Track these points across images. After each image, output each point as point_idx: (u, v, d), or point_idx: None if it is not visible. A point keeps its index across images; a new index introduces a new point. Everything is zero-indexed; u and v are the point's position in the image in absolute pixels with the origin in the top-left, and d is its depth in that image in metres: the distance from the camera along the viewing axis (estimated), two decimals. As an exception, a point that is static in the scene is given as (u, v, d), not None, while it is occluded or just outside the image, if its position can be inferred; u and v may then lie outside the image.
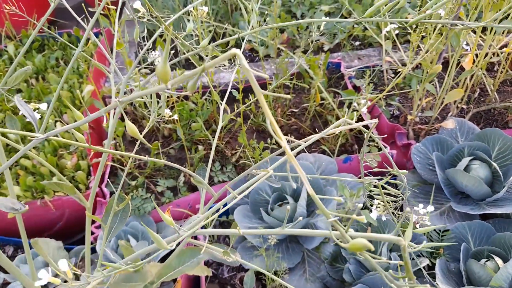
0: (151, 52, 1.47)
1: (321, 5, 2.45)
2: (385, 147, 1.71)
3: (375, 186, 1.09)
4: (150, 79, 0.86)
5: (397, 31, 1.83)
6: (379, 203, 1.05)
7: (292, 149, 0.82)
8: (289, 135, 1.89)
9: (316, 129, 1.90)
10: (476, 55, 1.81)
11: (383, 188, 1.02)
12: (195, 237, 1.47)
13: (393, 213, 1.48)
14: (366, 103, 1.59)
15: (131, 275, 0.89)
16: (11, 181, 0.79)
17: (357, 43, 2.39)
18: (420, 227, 1.14)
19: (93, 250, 1.41)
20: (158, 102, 0.83)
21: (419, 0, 2.03)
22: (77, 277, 1.13)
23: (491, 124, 1.91)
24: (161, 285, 1.32)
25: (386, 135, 1.86)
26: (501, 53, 1.85)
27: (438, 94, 1.81)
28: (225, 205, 0.73)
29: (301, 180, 1.51)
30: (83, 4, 1.04)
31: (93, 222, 1.48)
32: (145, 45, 0.87)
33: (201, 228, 1.53)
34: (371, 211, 1.18)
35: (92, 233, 1.45)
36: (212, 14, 2.31)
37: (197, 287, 1.38)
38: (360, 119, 1.85)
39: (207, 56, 0.94)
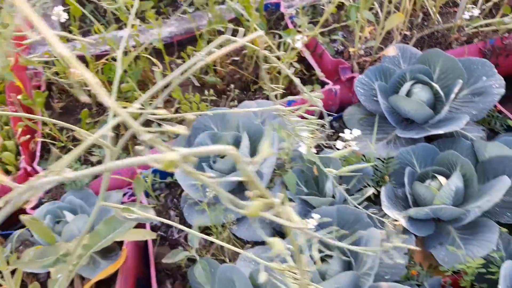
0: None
1: None
2: (327, 84, 1.65)
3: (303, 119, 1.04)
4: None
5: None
6: (307, 136, 1.00)
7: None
8: (231, 85, 1.81)
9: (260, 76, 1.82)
10: (413, -24, 1.73)
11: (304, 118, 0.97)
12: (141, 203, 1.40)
13: (322, 145, 1.44)
14: (302, 38, 1.51)
15: (44, 250, 0.82)
16: None
17: (296, -20, 2.26)
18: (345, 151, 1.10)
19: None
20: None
21: None
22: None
23: (435, 47, 1.86)
24: (107, 256, 1.27)
25: (329, 72, 1.81)
26: (439, -30, 1.77)
27: (379, 22, 1.73)
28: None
29: (243, 128, 1.45)
30: None
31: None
32: None
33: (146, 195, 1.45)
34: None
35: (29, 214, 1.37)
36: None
37: (147, 252, 1.33)
38: (301, 58, 1.78)
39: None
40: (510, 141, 1.38)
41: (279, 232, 1.30)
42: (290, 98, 1.65)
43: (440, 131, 1.38)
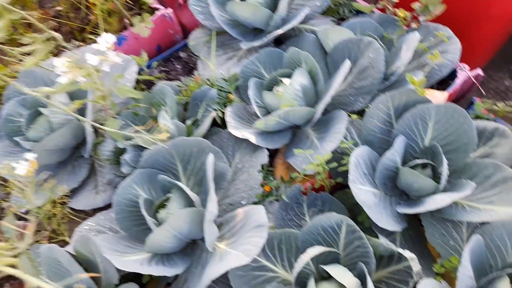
0: None
1: None
2: (158, 9, 1.43)
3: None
4: None
5: None
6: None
7: None
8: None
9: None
10: None
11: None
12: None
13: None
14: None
15: None
16: None
17: None
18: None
19: None
20: None
21: None
22: None
23: None
24: None
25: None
26: None
27: None
28: None
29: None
30: None
31: None
32: None
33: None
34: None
35: None
36: None
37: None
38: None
39: None
40: (354, 24, 1.27)
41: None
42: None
43: (280, 31, 1.23)
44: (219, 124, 1.18)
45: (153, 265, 0.90)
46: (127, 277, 1.05)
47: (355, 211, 1.10)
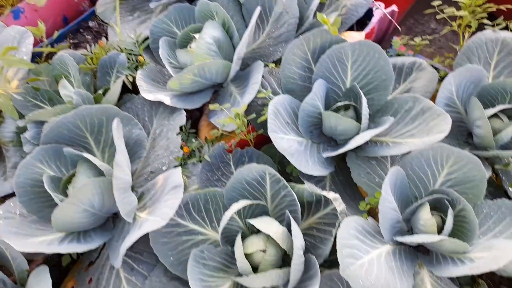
0: None
1: None
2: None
3: None
4: None
5: None
6: None
7: None
8: None
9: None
10: None
11: None
12: None
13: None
14: None
15: None
16: None
17: None
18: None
19: None
20: None
21: None
22: None
23: None
24: None
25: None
26: None
27: None
28: None
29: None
30: None
31: None
32: None
33: None
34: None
35: None
36: None
37: None
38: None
39: None
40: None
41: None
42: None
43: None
44: (134, 91, 1.10)
45: (64, 244, 0.82)
46: (50, 263, 0.97)
47: (284, 163, 1.07)
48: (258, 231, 0.89)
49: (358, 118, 1.01)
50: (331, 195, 0.85)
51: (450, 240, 0.76)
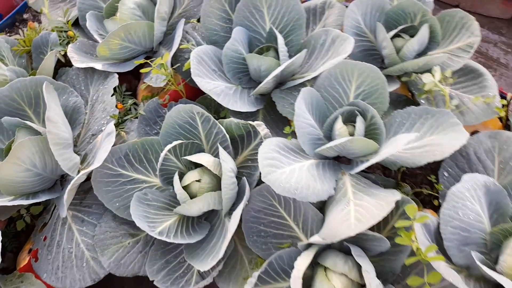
0: None
1: None
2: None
3: None
4: None
5: None
6: None
7: None
8: None
9: None
10: None
11: None
12: None
13: None
14: None
15: None
16: None
17: None
18: None
19: None
20: None
21: None
22: None
23: None
24: None
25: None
26: None
27: None
28: None
29: None
30: None
31: None
32: None
33: None
34: None
35: None
36: None
37: None
38: None
39: None
40: None
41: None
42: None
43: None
44: (69, 66, 1.15)
45: (12, 201, 0.87)
46: (8, 235, 1.02)
47: (220, 112, 1.14)
48: (195, 167, 0.95)
49: (279, 57, 1.09)
50: (255, 122, 0.92)
51: (360, 138, 0.84)
